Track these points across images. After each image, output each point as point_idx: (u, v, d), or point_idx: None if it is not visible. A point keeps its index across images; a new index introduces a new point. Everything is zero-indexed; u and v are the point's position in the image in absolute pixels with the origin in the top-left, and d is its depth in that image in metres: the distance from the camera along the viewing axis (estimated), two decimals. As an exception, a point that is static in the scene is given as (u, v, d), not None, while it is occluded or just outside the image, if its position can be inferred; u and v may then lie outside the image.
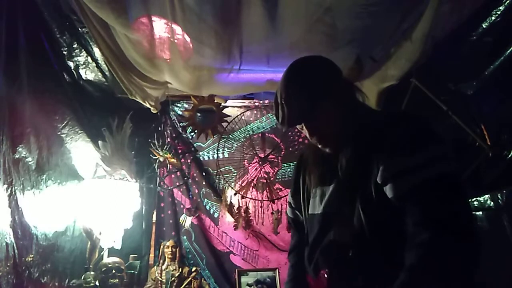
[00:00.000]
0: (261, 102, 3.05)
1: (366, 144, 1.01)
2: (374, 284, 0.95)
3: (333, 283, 1.02)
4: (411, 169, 0.91)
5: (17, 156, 1.78)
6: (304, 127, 1.11)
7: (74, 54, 2.34)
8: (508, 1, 1.59)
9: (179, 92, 2.77)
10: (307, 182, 1.23)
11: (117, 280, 2.30)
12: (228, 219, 2.82)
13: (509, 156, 1.64)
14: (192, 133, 2.99)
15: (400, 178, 0.92)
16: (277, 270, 2.62)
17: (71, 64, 2.39)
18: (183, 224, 2.80)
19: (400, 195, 0.92)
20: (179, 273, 2.55)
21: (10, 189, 1.69)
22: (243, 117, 3.01)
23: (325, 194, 1.11)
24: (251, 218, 2.79)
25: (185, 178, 2.89)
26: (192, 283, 2.53)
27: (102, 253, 2.46)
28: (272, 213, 2.79)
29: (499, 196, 1.68)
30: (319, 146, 1.13)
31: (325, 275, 1.03)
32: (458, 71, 1.91)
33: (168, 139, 2.92)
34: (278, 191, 2.86)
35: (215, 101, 2.88)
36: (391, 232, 0.94)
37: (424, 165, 0.91)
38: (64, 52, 2.30)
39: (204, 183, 2.90)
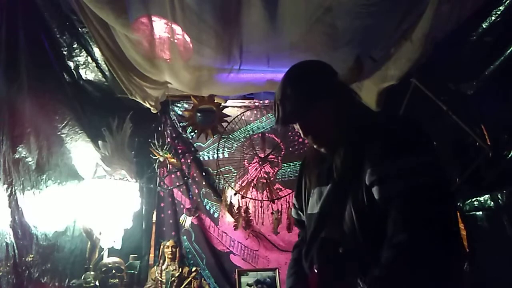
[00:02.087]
0: (261, 102, 3.05)
1: (359, 146, 1.04)
2: (361, 281, 0.98)
3: (323, 278, 1.06)
4: (396, 175, 0.95)
5: (17, 156, 1.78)
6: (298, 127, 1.15)
7: (74, 54, 2.34)
8: (508, 1, 1.58)
9: (179, 92, 2.77)
10: (307, 183, 1.27)
11: (117, 280, 2.30)
12: (228, 219, 2.82)
13: (509, 156, 1.63)
14: (192, 133, 2.99)
15: (385, 182, 0.96)
16: (277, 270, 2.62)
17: (71, 64, 2.39)
18: (183, 224, 2.81)
19: (384, 199, 0.96)
20: (179, 273, 2.55)
21: (10, 189, 1.70)
22: (243, 117, 3.01)
23: (323, 194, 1.15)
24: (251, 218, 2.79)
25: (185, 178, 2.89)
26: (192, 283, 2.53)
27: (102, 253, 2.46)
28: (272, 213, 2.79)
29: (499, 196, 1.68)
30: (314, 146, 1.18)
31: (315, 270, 1.06)
32: (458, 71, 1.91)
33: (168, 139, 2.92)
34: (278, 191, 2.86)
35: (215, 101, 2.88)
36: (380, 232, 0.96)
37: (409, 171, 0.94)
38: (64, 52, 2.31)
39: (204, 183, 2.90)
